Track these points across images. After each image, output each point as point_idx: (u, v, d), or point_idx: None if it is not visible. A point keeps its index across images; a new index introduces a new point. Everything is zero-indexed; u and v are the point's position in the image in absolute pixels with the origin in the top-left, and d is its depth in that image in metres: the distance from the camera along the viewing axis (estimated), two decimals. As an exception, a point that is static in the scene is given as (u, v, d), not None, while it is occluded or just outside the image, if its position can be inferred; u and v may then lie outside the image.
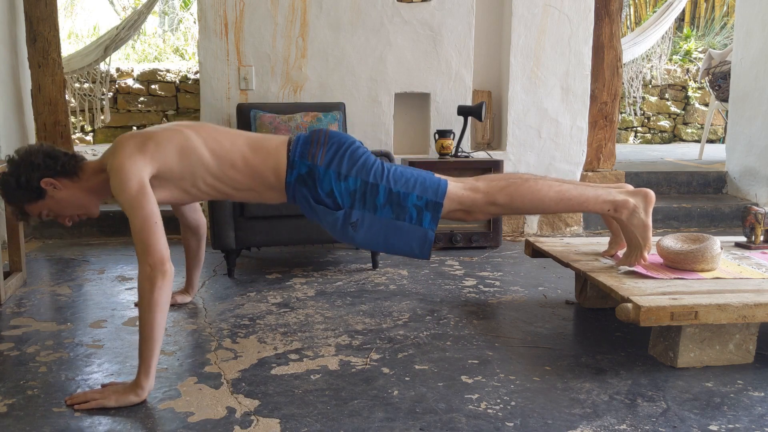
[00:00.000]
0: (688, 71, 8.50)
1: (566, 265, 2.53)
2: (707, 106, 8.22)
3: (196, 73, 7.65)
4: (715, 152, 6.50)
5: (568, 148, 4.29)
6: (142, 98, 7.65)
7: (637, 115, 7.73)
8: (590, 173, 4.57)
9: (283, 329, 2.46)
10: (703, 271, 2.32)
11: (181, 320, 2.58)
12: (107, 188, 2.12)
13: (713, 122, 7.96)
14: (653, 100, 8.34)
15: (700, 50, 8.97)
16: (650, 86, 8.27)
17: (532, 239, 2.88)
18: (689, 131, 8.39)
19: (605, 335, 2.42)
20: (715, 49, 8.03)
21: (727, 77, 5.59)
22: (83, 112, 6.12)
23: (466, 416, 1.77)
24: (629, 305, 1.99)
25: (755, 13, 4.82)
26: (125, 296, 2.90)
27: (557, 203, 2.28)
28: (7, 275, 2.94)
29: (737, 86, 5.01)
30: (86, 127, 7.35)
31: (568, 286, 3.03)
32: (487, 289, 3.04)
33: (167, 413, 1.79)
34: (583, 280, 2.71)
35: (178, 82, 7.72)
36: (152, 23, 10.77)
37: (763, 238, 2.73)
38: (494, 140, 4.40)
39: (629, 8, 9.84)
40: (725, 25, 9.43)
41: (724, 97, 5.76)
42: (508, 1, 4.17)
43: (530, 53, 4.16)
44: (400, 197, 2.18)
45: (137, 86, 7.65)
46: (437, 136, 3.91)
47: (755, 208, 2.73)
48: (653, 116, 8.37)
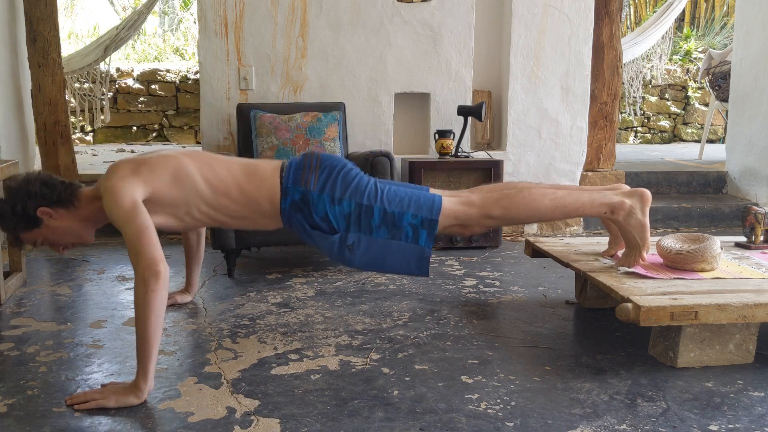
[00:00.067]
0: (688, 71, 8.50)
1: (566, 265, 2.54)
2: (707, 106, 8.22)
3: (196, 73, 7.65)
4: (715, 152, 6.50)
5: (568, 148, 4.29)
6: (142, 98, 7.65)
7: (637, 115, 7.74)
8: (590, 173, 4.57)
9: (283, 329, 2.46)
10: (703, 271, 2.32)
11: (181, 320, 2.58)
12: (102, 216, 2.14)
13: (713, 122, 7.96)
14: (653, 100, 8.34)
15: (700, 50, 8.97)
16: (650, 86, 8.28)
17: (532, 239, 2.88)
18: (689, 131, 8.40)
19: (605, 335, 2.42)
20: (715, 49, 8.03)
21: (727, 77, 5.60)
22: (83, 112, 6.12)
23: (466, 416, 1.77)
24: (629, 305, 1.99)
25: (755, 13, 4.82)
26: (125, 296, 2.90)
27: (553, 211, 2.29)
28: (7, 275, 2.94)
29: (737, 86, 5.01)
30: (86, 127, 7.35)
31: (568, 286, 3.03)
32: (487, 289, 3.04)
33: (167, 413, 1.79)
34: (583, 280, 2.71)
35: (178, 82, 7.73)
36: (152, 23, 10.77)
37: (763, 238, 2.73)
38: (494, 140, 4.40)
39: (629, 8, 9.84)
40: (725, 25, 9.44)
41: (724, 97, 5.76)
42: (508, 1, 4.17)
43: (530, 53, 4.16)
44: (395, 217, 2.18)
45: (137, 86, 7.65)
46: (437, 136, 3.91)
47: (755, 208, 2.73)
48: (653, 116, 8.37)
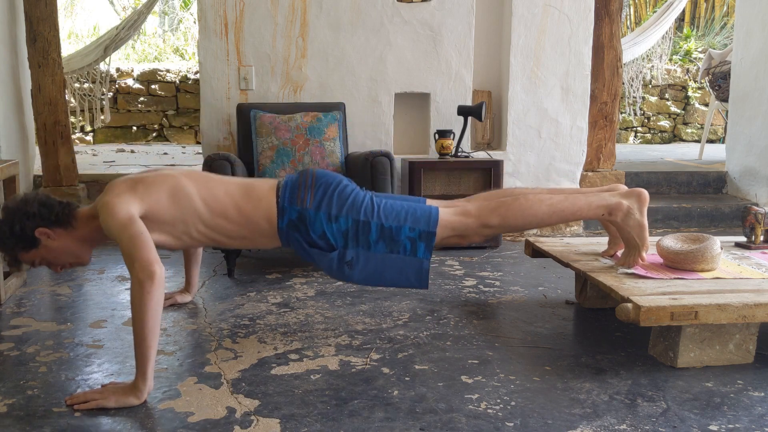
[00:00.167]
0: (688, 71, 8.50)
1: (566, 265, 2.54)
2: (707, 106, 8.22)
3: (196, 73, 7.65)
4: (715, 152, 6.50)
5: (568, 148, 4.29)
6: (142, 98, 7.65)
7: (637, 115, 7.74)
8: (590, 173, 4.57)
9: (283, 329, 2.46)
10: (703, 271, 2.32)
11: (181, 320, 2.58)
12: (99, 235, 2.16)
13: (713, 122, 7.96)
14: (653, 100, 8.34)
15: (700, 50, 8.97)
16: (650, 86, 8.28)
17: (532, 239, 2.88)
18: (689, 131, 8.40)
19: (605, 335, 2.42)
20: (715, 49, 8.03)
21: (727, 77, 5.60)
22: (83, 112, 6.12)
23: (466, 416, 1.77)
24: (629, 305, 1.99)
25: (755, 13, 4.82)
26: (125, 296, 2.90)
27: (550, 216, 2.30)
28: (7, 275, 2.94)
29: (737, 86, 5.01)
30: (86, 127, 7.36)
31: (568, 286, 3.03)
32: (487, 289, 3.04)
33: (167, 413, 1.79)
34: (583, 280, 2.71)
35: (178, 82, 7.73)
36: (152, 23, 10.77)
37: (763, 238, 2.73)
38: (494, 140, 4.40)
39: (629, 8, 9.84)
40: (725, 25, 9.44)
41: (724, 97, 5.76)
42: (508, 1, 4.17)
43: (530, 53, 4.16)
44: (392, 231, 2.18)
45: (137, 86, 7.66)
46: (437, 136, 3.91)
47: (755, 208, 2.73)
48: (653, 116, 8.37)
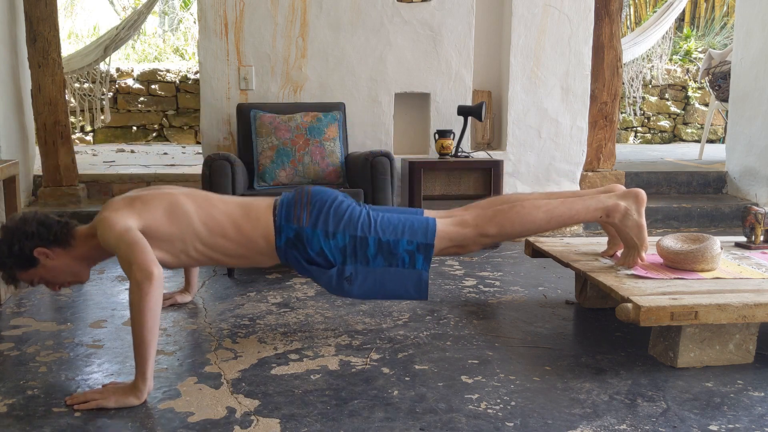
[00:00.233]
0: (688, 71, 8.50)
1: (566, 265, 2.54)
2: (707, 106, 8.22)
3: (196, 73, 7.65)
4: (715, 152, 6.49)
5: (568, 148, 4.29)
6: (142, 98, 7.65)
7: (637, 115, 7.74)
8: (590, 173, 4.57)
9: (283, 329, 2.46)
10: (703, 271, 2.32)
11: (181, 320, 2.58)
12: (98, 254, 2.17)
13: (713, 122, 7.96)
14: (653, 100, 8.35)
15: (700, 50, 8.97)
16: (650, 86, 8.28)
17: (532, 239, 2.88)
18: (689, 131, 8.40)
19: (605, 335, 2.42)
20: (715, 49, 8.03)
21: (727, 77, 5.60)
22: (83, 112, 6.12)
23: (466, 416, 1.77)
24: (629, 305, 1.99)
25: (755, 13, 4.82)
26: (125, 296, 2.90)
27: (548, 222, 2.30)
28: (7, 275, 2.94)
29: (737, 86, 5.01)
30: (86, 127, 7.36)
31: (568, 286, 3.03)
32: (487, 289, 3.04)
33: (167, 413, 1.79)
34: (583, 280, 2.71)
35: (178, 82, 7.73)
36: (152, 23, 10.78)
37: (763, 238, 2.73)
38: (494, 140, 4.40)
39: (629, 8, 9.84)
40: (725, 25, 9.44)
41: (724, 97, 5.76)
42: (508, 1, 4.17)
43: (530, 53, 4.16)
44: (390, 245, 2.18)
45: (137, 86, 7.66)
46: (437, 136, 3.91)
47: (755, 208, 2.73)
48: (653, 116, 8.37)
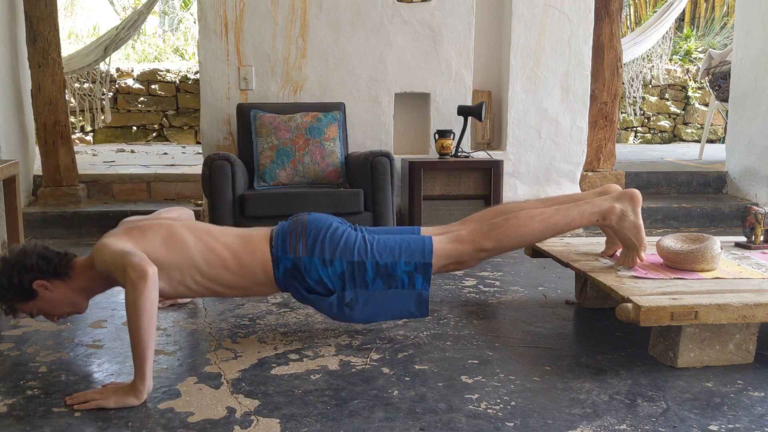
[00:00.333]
0: (688, 71, 8.50)
1: (566, 265, 2.54)
2: (707, 106, 8.22)
3: (196, 73, 7.65)
4: (715, 152, 6.49)
5: (568, 148, 4.29)
6: (142, 98, 7.65)
7: (637, 115, 7.74)
8: (590, 173, 4.57)
9: (283, 329, 2.46)
10: (703, 271, 2.32)
11: (181, 320, 2.58)
12: (97, 285, 2.18)
13: (713, 122, 7.96)
14: (653, 100, 8.35)
15: (700, 50, 8.97)
16: (650, 86, 8.28)
17: (532, 239, 2.88)
18: (689, 131, 8.40)
19: (605, 335, 2.42)
20: (715, 49, 8.03)
21: (727, 77, 5.60)
22: (83, 112, 6.12)
23: (466, 416, 1.77)
24: (629, 305, 1.99)
25: (755, 13, 4.82)
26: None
27: (544, 232, 2.30)
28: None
29: (737, 86, 5.01)
30: (86, 127, 7.36)
31: (568, 286, 3.03)
32: (487, 289, 3.04)
33: (167, 413, 1.79)
34: (583, 280, 2.71)
35: (178, 82, 7.73)
36: (152, 23, 10.78)
37: (763, 238, 2.73)
38: (494, 140, 4.40)
39: (629, 8, 9.84)
40: (725, 25, 9.44)
41: (724, 97, 5.76)
42: (508, 1, 4.17)
43: (530, 53, 4.16)
44: (388, 268, 2.18)
45: (137, 86, 7.66)
46: (437, 136, 3.91)
47: (755, 208, 2.73)
48: (653, 116, 8.37)
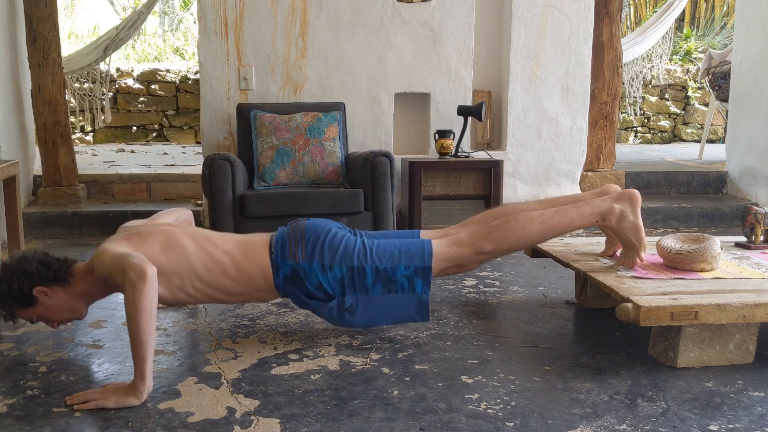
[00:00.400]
0: (688, 71, 8.50)
1: (566, 265, 2.54)
2: (707, 106, 8.22)
3: (196, 73, 7.65)
4: (715, 152, 6.49)
5: (568, 148, 4.29)
6: (142, 98, 7.65)
7: (637, 115, 7.74)
8: (590, 173, 4.57)
9: (283, 329, 2.46)
10: (703, 271, 2.32)
11: (181, 320, 2.58)
12: (96, 291, 2.18)
13: (713, 122, 7.96)
14: (653, 100, 8.35)
15: (700, 50, 8.97)
16: (650, 86, 8.28)
17: (532, 239, 2.88)
18: (689, 131, 8.40)
19: (605, 335, 2.42)
20: (715, 49, 8.03)
21: (727, 77, 5.60)
22: (83, 112, 6.12)
23: (466, 416, 1.77)
24: (629, 305, 1.99)
25: (755, 13, 4.82)
26: (125, 296, 2.90)
27: (543, 234, 2.30)
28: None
29: (737, 86, 5.01)
30: (86, 127, 7.36)
31: (568, 286, 3.03)
32: (487, 289, 3.04)
33: (167, 413, 1.79)
34: (583, 280, 2.71)
35: (178, 82, 7.73)
36: (152, 23, 10.78)
37: (763, 238, 2.73)
38: (494, 140, 4.40)
39: (629, 8, 9.84)
40: (725, 25, 9.44)
41: (724, 97, 5.76)
42: (508, 1, 4.17)
43: (530, 53, 4.16)
44: (388, 273, 2.18)
45: (137, 86, 7.66)
46: (437, 136, 3.91)
47: (755, 208, 2.73)
48: (653, 116, 8.37)
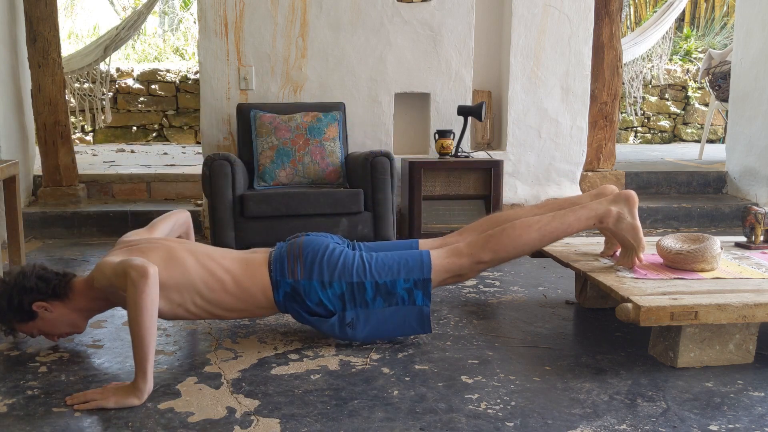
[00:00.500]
0: (688, 71, 8.50)
1: (566, 265, 2.54)
2: (707, 106, 8.22)
3: (196, 73, 7.65)
4: (715, 152, 6.49)
5: (568, 148, 4.29)
6: (142, 98, 7.65)
7: (637, 115, 7.74)
8: (590, 173, 4.57)
9: (283, 329, 2.46)
10: (703, 271, 2.32)
11: (181, 320, 2.57)
12: (96, 305, 2.19)
13: (713, 122, 7.96)
14: (653, 100, 8.34)
15: (700, 50, 8.97)
16: (650, 86, 8.27)
17: (532, 239, 2.88)
18: (689, 131, 8.39)
19: (605, 335, 2.42)
20: (715, 49, 8.03)
21: (727, 77, 5.60)
22: (83, 112, 6.12)
23: (466, 416, 1.77)
24: (629, 305, 1.99)
25: (755, 13, 4.82)
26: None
27: (541, 240, 2.30)
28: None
29: (737, 86, 5.01)
30: (86, 127, 7.35)
31: (568, 286, 3.03)
32: (487, 289, 3.04)
33: (167, 413, 1.79)
34: (583, 280, 2.71)
35: (178, 82, 7.73)
36: (152, 23, 10.78)
37: (763, 238, 2.73)
38: (494, 140, 4.40)
39: (629, 8, 9.84)
40: (725, 25, 9.44)
41: (724, 97, 5.76)
42: (508, 1, 4.17)
43: (530, 53, 4.16)
44: (387, 286, 2.18)
45: (137, 86, 7.65)
46: (437, 136, 3.91)
47: (755, 208, 2.73)
48: (653, 116, 8.37)
